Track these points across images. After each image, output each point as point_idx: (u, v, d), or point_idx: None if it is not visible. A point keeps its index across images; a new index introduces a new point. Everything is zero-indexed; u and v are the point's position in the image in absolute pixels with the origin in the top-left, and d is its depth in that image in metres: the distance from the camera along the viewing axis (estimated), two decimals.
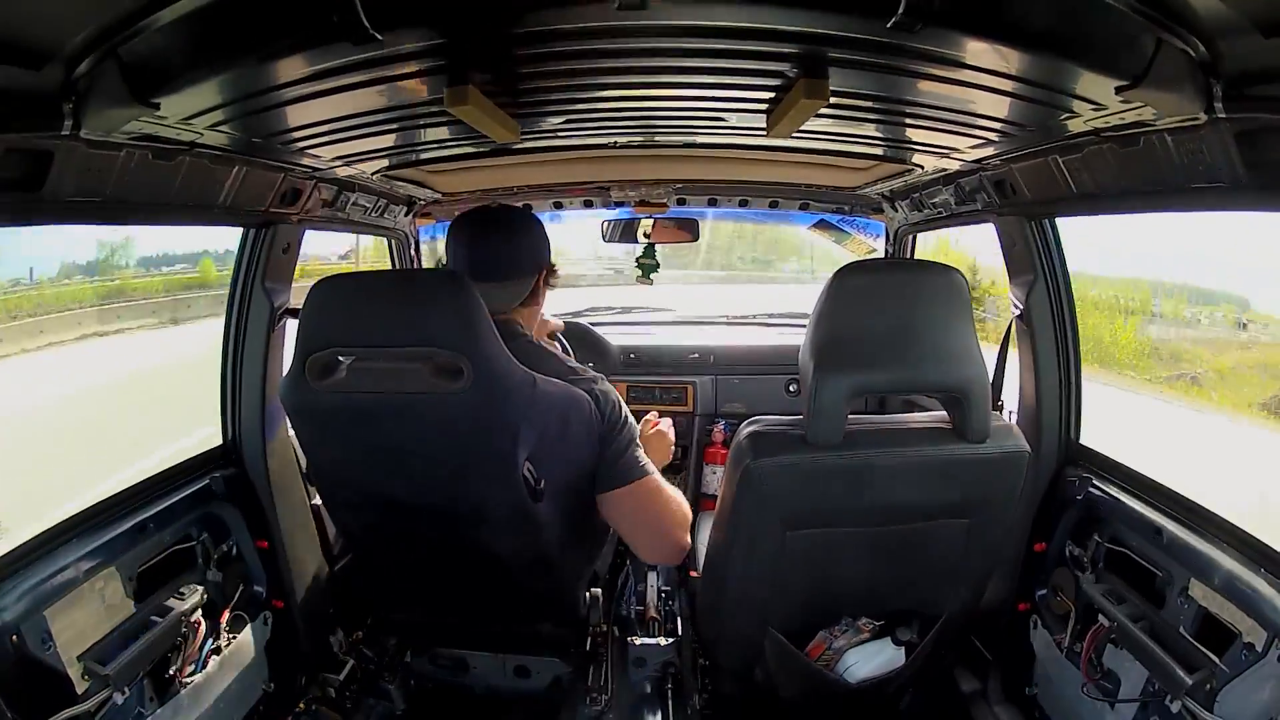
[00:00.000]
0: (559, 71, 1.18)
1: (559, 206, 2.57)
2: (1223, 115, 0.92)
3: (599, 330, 2.81)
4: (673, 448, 1.84)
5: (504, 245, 1.47)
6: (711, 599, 1.51)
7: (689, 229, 2.55)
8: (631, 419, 1.48)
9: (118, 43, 0.89)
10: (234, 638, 1.61)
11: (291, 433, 1.71)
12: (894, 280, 1.31)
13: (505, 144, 1.57)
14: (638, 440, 1.48)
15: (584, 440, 1.39)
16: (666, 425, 1.83)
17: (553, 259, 1.56)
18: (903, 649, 1.47)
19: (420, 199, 2.32)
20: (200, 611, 1.52)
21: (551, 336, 1.87)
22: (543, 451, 1.32)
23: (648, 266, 2.67)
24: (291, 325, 1.54)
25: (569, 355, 1.71)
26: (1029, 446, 1.32)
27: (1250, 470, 5.49)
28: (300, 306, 1.32)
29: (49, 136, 0.98)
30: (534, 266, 1.51)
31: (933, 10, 0.83)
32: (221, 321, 1.74)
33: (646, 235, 2.57)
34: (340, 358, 1.29)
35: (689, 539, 1.54)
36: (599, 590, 1.82)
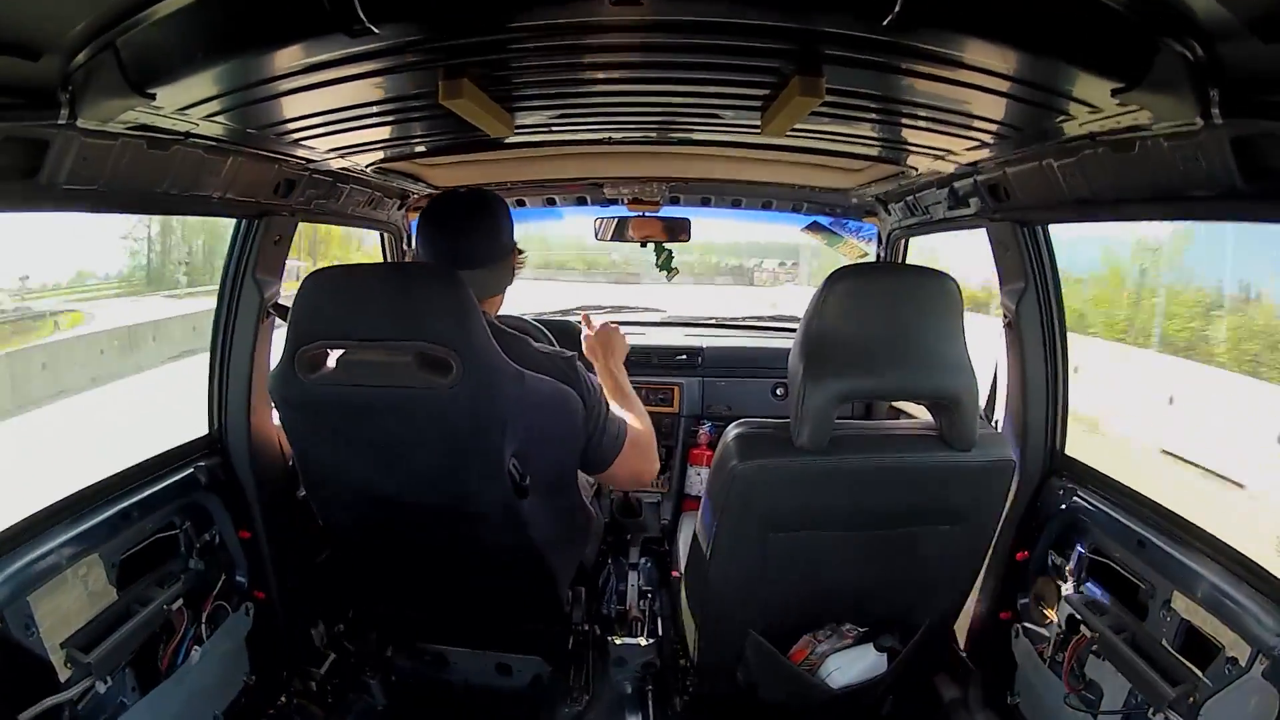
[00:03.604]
0: (553, 66, 1.18)
1: (552, 203, 2.56)
2: (1220, 121, 0.91)
3: None
4: (625, 340, 1.81)
5: (484, 230, 1.45)
6: (693, 599, 1.51)
7: (681, 228, 2.54)
8: (600, 385, 1.48)
9: (116, 34, 0.89)
10: (215, 628, 1.61)
11: (277, 423, 1.70)
12: (886, 286, 1.32)
13: (499, 138, 1.56)
14: (609, 402, 1.49)
15: (570, 436, 1.39)
16: (597, 322, 1.78)
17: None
18: (885, 656, 1.47)
19: (413, 193, 2.31)
20: (182, 601, 1.52)
21: None
22: (529, 447, 1.32)
23: (667, 265, 2.59)
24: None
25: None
26: (1014, 455, 1.32)
27: None
28: (287, 304, 1.32)
29: (45, 125, 0.98)
30: (510, 249, 1.50)
31: (929, 9, 0.83)
32: None
33: (639, 232, 2.54)
34: (330, 350, 1.28)
35: (658, 462, 1.63)
36: (582, 589, 1.82)
